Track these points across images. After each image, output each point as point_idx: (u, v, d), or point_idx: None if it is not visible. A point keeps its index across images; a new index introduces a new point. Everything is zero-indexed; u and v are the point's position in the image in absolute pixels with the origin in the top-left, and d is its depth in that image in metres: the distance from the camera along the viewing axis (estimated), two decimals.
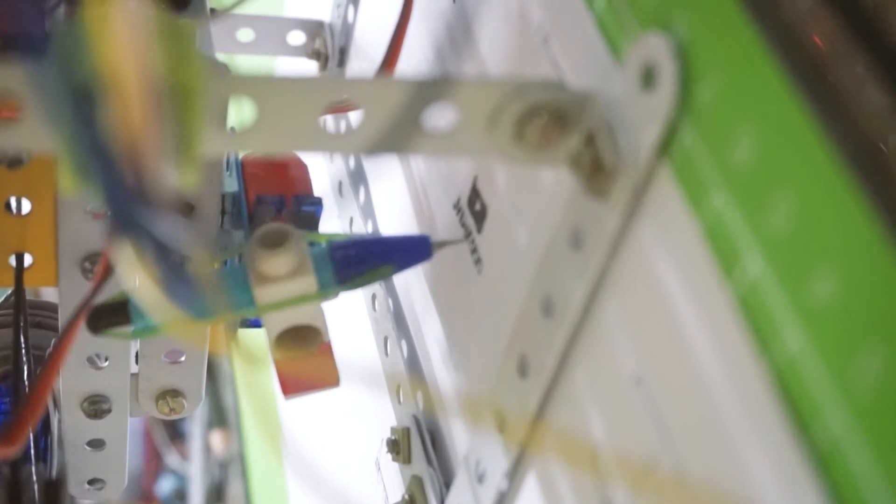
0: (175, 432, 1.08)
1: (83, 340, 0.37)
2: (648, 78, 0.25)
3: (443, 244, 0.35)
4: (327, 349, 0.35)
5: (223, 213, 0.38)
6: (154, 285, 0.21)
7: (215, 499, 0.96)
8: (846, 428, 0.20)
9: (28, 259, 0.37)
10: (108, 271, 0.33)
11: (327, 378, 0.36)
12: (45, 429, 0.40)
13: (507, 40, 0.34)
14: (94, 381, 0.40)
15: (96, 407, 0.41)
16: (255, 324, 0.37)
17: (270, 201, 0.38)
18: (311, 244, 0.33)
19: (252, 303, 0.31)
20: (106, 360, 0.40)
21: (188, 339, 0.40)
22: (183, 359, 0.41)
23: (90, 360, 0.39)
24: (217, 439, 0.97)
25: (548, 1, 0.32)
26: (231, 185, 0.39)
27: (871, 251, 0.20)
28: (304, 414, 0.57)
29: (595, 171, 0.27)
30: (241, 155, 0.39)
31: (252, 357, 0.32)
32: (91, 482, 0.44)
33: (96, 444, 0.42)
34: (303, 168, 0.40)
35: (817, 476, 0.20)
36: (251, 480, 0.79)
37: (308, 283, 0.32)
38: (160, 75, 0.20)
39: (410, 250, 0.34)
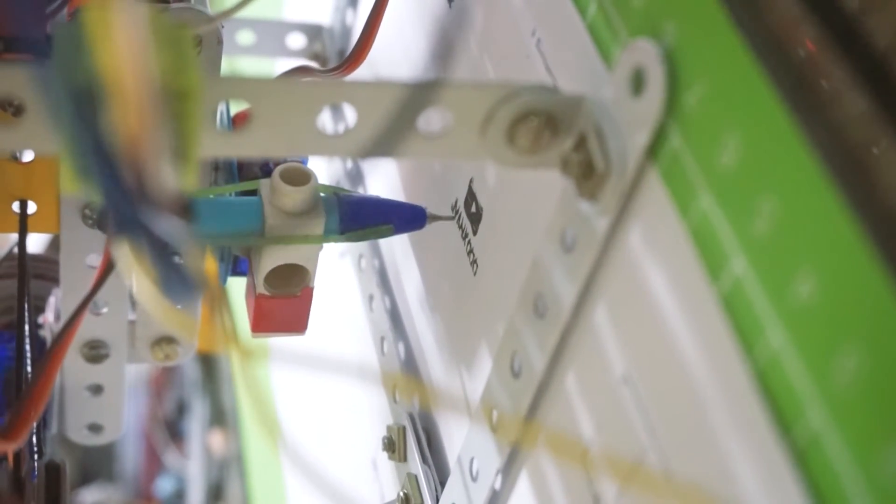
0: (174, 432, 1.09)
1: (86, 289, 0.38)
2: (638, 83, 0.26)
3: (436, 218, 0.37)
4: (308, 295, 0.36)
5: (216, 168, 0.39)
6: (152, 285, 0.22)
7: (214, 498, 0.96)
8: (825, 424, 0.20)
9: (32, 207, 0.38)
10: (110, 266, 0.34)
11: (297, 323, 0.37)
12: (43, 420, 0.41)
13: (501, 45, 0.35)
14: (93, 326, 0.41)
15: (95, 352, 0.42)
16: (243, 270, 0.38)
17: None
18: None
19: (259, 234, 0.33)
20: (105, 305, 0.41)
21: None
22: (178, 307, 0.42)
23: (91, 306, 0.40)
24: (216, 439, 0.97)
25: (541, 7, 0.32)
26: None
27: (850, 254, 0.20)
28: (301, 413, 0.57)
29: (586, 174, 0.27)
30: (232, 112, 0.40)
31: (251, 356, 0.33)
32: (90, 427, 0.45)
33: (95, 389, 0.44)
34: None
35: (798, 470, 0.20)
36: (250, 480, 0.79)
37: (317, 224, 0.34)
38: (158, 79, 0.20)
39: (408, 216, 0.36)
